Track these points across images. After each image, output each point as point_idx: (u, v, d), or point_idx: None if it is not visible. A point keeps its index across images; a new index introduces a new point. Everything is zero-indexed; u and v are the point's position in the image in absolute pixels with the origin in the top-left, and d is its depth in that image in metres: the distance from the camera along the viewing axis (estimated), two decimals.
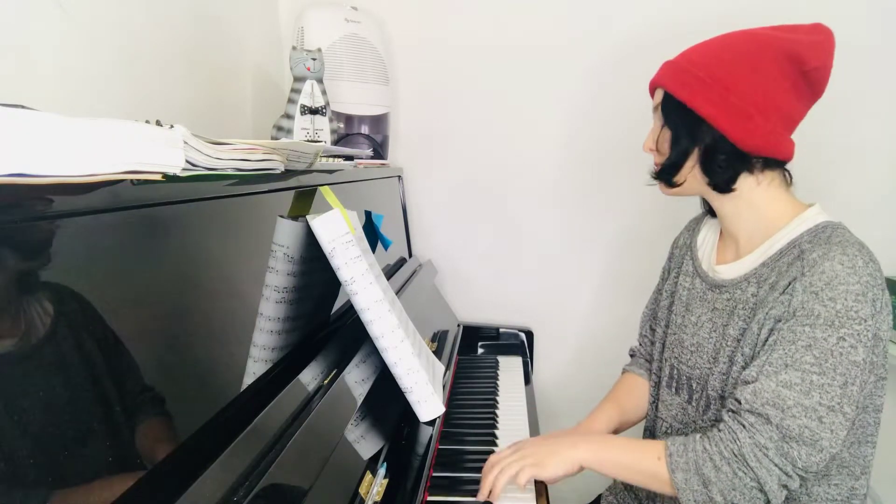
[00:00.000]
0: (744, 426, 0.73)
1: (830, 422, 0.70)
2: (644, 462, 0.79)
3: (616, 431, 1.03)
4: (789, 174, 0.85)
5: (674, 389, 0.94)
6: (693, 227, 1.03)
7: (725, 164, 0.82)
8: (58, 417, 0.39)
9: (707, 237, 0.98)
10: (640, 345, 1.11)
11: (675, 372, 0.94)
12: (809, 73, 0.78)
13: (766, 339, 0.77)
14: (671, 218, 1.17)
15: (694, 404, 0.90)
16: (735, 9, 1.29)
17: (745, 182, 0.83)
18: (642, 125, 0.97)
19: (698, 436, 0.77)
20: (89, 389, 0.42)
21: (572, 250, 1.56)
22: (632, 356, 1.14)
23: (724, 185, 0.84)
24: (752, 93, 0.78)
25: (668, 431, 0.95)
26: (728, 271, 0.88)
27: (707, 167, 0.83)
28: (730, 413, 0.77)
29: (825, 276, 0.72)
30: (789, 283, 0.76)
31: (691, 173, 0.85)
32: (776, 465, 0.71)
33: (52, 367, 0.39)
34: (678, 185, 0.87)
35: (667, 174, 0.87)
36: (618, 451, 0.82)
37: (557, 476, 0.82)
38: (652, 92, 0.91)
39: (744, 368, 0.80)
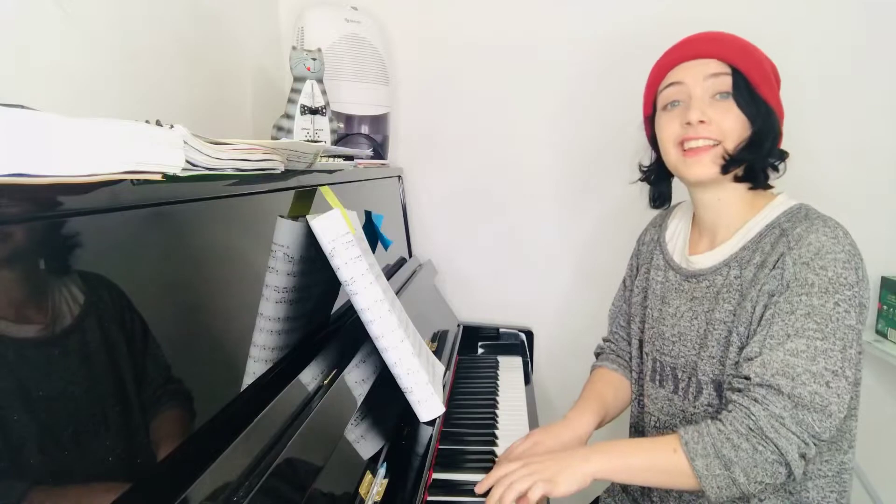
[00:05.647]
0: (756, 400, 0.73)
1: (836, 386, 0.71)
2: (660, 459, 0.76)
3: (601, 424, 1.00)
4: None
5: (658, 382, 0.94)
6: (659, 224, 1.04)
7: (774, 160, 0.85)
8: (57, 418, 0.39)
9: (678, 231, 0.99)
10: (612, 341, 1.10)
11: (658, 364, 0.94)
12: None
13: (762, 315, 0.78)
14: None
15: (681, 393, 0.90)
16: (731, 12, 1.29)
17: None
18: (641, 126, 0.98)
19: (709, 420, 0.76)
20: (88, 390, 0.42)
21: (573, 250, 1.56)
22: (598, 355, 1.12)
23: (765, 181, 0.85)
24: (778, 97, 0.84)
25: (657, 425, 0.94)
26: (704, 260, 0.89)
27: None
28: (736, 392, 0.76)
29: (812, 248, 0.76)
30: (778, 259, 0.78)
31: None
32: (794, 434, 0.71)
33: (52, 368, 0.39)
34: (730, 173, 0.84)
35: (754, 153, 0.82)
36: (630, 455, 0.78)
37: (570, 492, 0.77)
38: (694, 57, 0.85)
39: (741, 348, 0.80)
